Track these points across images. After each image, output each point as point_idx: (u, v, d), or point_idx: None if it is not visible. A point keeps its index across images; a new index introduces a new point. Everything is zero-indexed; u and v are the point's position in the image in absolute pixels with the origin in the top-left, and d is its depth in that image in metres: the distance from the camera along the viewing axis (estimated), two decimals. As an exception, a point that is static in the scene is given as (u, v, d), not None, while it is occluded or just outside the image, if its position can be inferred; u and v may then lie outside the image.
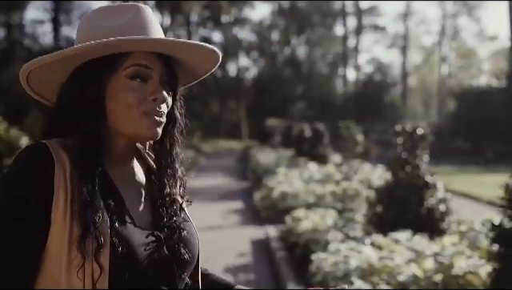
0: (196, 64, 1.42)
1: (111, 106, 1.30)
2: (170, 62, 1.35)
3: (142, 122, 1.29)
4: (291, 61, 58.58)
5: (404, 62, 60.74)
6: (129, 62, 1.29)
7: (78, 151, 1.26)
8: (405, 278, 5.09)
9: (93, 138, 1.28)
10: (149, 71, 1.31)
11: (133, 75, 1.29)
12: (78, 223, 1.20)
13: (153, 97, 1.29)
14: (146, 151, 1.49)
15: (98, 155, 1.29)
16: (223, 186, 18.21)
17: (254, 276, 7.09)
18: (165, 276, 1.31)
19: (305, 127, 21.67)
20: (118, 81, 1.29)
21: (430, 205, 7.43)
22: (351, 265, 5.37)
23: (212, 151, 39.30)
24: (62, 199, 1.21)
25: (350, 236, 7.11)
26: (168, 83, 1.34)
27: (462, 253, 5.43)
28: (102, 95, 1.29)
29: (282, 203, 10.98)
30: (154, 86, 1.30)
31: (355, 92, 52.75)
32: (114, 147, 1.35)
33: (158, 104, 1.30)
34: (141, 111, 1.28)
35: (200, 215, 11.77)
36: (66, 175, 1.23)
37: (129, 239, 1.24)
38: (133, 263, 1.23)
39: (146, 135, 1.31)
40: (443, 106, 56.09)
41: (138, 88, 1.29)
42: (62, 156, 1.24)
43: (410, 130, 7.79)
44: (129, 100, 1.28)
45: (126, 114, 1.29)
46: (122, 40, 1.26)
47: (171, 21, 49.97)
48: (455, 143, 41.11)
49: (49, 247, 1.21)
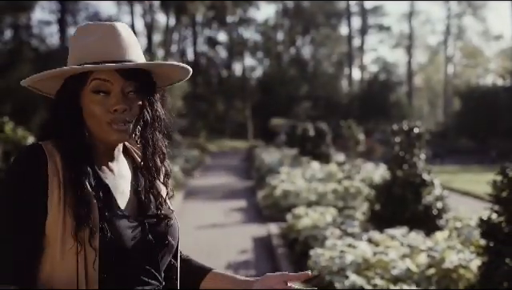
0: (168, 73, 1.63)
1: (85, 115, 1.51)
2: (132, 72, 1.52)
3: (108, 131, 1.49)
4: (296, 61, 58.64)
5: (409, 62, 60.73)
6: (91, 78, 1.49)
7: (67, 150, 1.47)
8: (398, 272, 5.27)
9: (78, 140, 1.50)
10: (109, 85, 1.49)
11: (95, 90, 1.49)
12: (72, 215, 1.40)
13: (113, 108, 1.48)
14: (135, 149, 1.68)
15: (86, 153, 1.50)
16: (227, 185, 18.40)
17: (255, 272, 7.26)
18: (149, 259, 1.52)
19: (308, 127, 21.81)
20: (86, 95, 1.50)
21: (427, 202, 7.60)
22: (347, 260, 5.54)
23: (217, 151, 39.49)
24: (56, 192, 1.41)
25: (348, 233, 7.27)
26: (136, 92, 1.52)
27: (454, 248, 5.60)
28: (78, 107, 1.51)
29: (284, 202, 11.16)
30: (115, 98, 1.49)
31: (360, 92, 52.73)
32: (98, 148, 1.55)
33: (118, 114, 1.49)
34: (105, 121, 1.48)
35: (204, 213, 11.96)
36: (58, 171, 1.43)
37: (116, 227, 1.44)
38: (119, 247, 1.43)
39: (112, 141, 1.52)
40: (449, 106, 56.08)
41: (102, 101, 1.49)
42: (54, 155, 1.45)
43: (407, 129, 7.96)
44: (95, 112, 1.49)
45: (95, 123, 1.50)
46: (75, 68, 1.47)
47: (176, 21, 50.14)
48: (460, 142, 41.15)
49: (47, 235, 1.41)
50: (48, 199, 1.41)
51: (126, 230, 1.47)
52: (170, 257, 1.62)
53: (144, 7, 50.64)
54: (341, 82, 60.03)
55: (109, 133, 1.50)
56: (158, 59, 25.00)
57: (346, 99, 52.68)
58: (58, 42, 46.73)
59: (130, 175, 1.62)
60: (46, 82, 1.55)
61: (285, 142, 29.26)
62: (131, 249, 1.46)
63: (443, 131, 45.09)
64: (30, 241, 1.40)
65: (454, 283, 5.07)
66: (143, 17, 51.40)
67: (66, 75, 1.53)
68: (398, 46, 64.40)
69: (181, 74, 1.65)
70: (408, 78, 60.18)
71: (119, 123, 1.49)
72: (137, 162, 1.65)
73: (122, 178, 1.59)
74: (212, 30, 57.82)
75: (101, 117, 1.49)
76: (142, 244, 1.49)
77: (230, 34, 57.32)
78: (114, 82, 1.50)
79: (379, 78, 54.07)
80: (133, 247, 1.46)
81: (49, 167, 1.43)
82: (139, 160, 1.64)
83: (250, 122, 50.29)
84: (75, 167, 1.45)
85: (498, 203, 4.76)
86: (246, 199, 14.65)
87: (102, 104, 1.49)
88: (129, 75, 1.51)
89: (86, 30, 1.55)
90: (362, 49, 62.32)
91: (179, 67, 1.61)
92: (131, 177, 1.62)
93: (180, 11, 47.01)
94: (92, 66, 1.47)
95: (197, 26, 56.03)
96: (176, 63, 1.59)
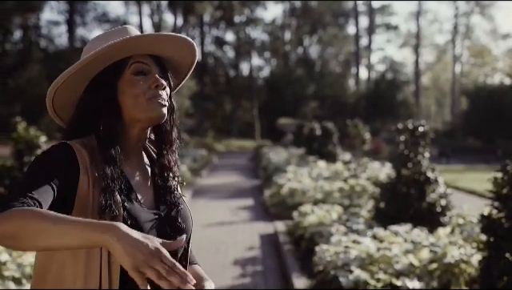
0: (179, 58, 1.78)
1: (123, 101, 1.65)
2: (163, 64, 1.72)
3: (149, 106, 1.64)
4: (303, 60, 58.73)
5: (417, 61, 60.70)
6: (132, 61, 1.66)
7: (100, 143, 1.62)
8: (401, 267, 5.41)
9: (112, 132, 1.64)
10: (147, 67, 1.67)
11: (136, 71, 1.66)
12: (98, 204, 1.54)
13: (155, 84, 1.65)
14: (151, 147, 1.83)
15: (116, 143, 1.64)
16: (235, 184, 18.55)
17: (262, 267, 7.42)
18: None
19: (315, 126, 21.93)
20: (125, 79, 1.65)
21: (430, 200, 7.72)
22: (351, 255, 5.69)
23: (224, 150, 39.65)
24: (85, 180, 1.56)
25: (352, 229, 7.41)
26: (164, 78, 1.70)
27: (455, 243, 5.73)
28: (115, 94, 1.66)
29: (291, 200, 11.30)
30: (154, 77, 1.66)
31: (367, 91, 52.76)
32: (126, 140, 1.70)
33: (159, 90, 1.66)
34: (146, 98, 1.64)
35: (212, 212, 12.12)
36: (86, 165, 1.57)
37: (136, 216, 1.59)
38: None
39: (154, 116, 1.65)
40: (456, 105, 56.04)
41: (142, 80, 1.65)
42: (82, 151, 1.59)
43: (412, 127, 8.08)
44: (136, 91, 1.63)
45: (134, 103, 1.64)
46: (119, 41, 1.62)
47: (184, 21, 50.34)
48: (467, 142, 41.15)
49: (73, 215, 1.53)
50: (79, 184, 1.55)
51: (145, 221, 1.61)
52: (185, 244, 1.76)
53: (152, 7, 50.85)
54: (348, 82, 60.06)
55: (150, 110, 1.64)
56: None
57: (353, 99, 52.73)
58: (67, 43, 47.03)
59: (149, 170, 1.77)
60: (68, 91, 1.68)
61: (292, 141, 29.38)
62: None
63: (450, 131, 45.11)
64: (49, 192, 1.48)
65: (455, 277, 5.21)
66: (151, 17, 51.61)
67: (91, 75, 1.68)
68: (405, 46, 64.43)
69: (187, 59, 1.80)
70: (415, 78, 60.17)
71: (159, 98, 1.65)
72: (153, 158, 1.80)
73: (141, 171, 1.73)
74: (219, 29, 58.00)
75: (143, 94, 1.63)
76: (160, 233, 1.63)
77: (238, 34, 57.46)
78: (151, 65, 1.68)
79: (386, 78, 54.09)
80: (148, 233, 1.59)
81: (78, 159, 1.57)
82: (154, 156, 1.79)
83: (257, 121, 50.42)
84: (106, 160, 1.60)
85: (499, 200, 4.88)
86: (253, 197, 14.80)
87: (143, 83, 1.65)
88: (159, 63, 1.70)
89: (104, 36, 1.73)
90: (369, 48, 62.38)
91: (186, 42, 1.74)
92: (149, 172, 1.76)
93: (188, 11, 47.20)
94: (132, 36, 1.64)
95: (204, 26, 56.24)
96: (183, 36, 1.73)
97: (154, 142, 1.81)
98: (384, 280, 5.18)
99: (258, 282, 6.77)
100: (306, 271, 6.59)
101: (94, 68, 1.66)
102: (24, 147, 8.41)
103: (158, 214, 1.67)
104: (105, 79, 1.66)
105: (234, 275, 7.04)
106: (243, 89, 55.14)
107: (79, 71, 1.64)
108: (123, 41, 1.63)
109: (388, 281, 5.18)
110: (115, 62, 1.66)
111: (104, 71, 1.67)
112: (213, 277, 5.35)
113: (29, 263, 5.26)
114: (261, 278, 6.96)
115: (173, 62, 1.78)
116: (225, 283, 6.63)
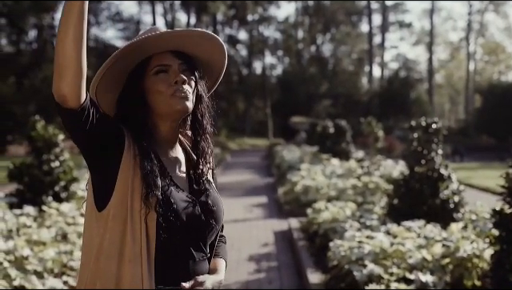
0: (208, 56, 1.92)
1: (150, 98, 1.82)
2: (187, 58, 1.86)
3: (172, 101, 1.80)
4: (316, 59, 58.70)
5: (430, 59, 60.46)
6: (152, 65, 1.82)
7: (136, 132, 1.78)
8: (414, 261, 5.49)
9: (142, 127, 1.80)
10: (168, 67, 1.82)
11: (157, 71, 1.81)
12: (141, 185, 1.70)
13: (174, 80, 1.80)
14: (187, 141, 1.99)
15: (150, 137, 1.80)
16: (248, 182, 18.66)
17: (276, 263, 7.52)
18: (197, 232, 1.83)
19: (328, 125, 21.97)
20: (149, 79, 1.82)
21: (444, 196, 7.77)
22: (365, 250, 5.77)
23: (238, 149, 39.78)
24: (127, 159, 1.72)
25: (366, 225, 7.49)
26: (188, 70, 1.84)
27: (468, 238, 5.80)
28: (142, 93, 1.82)
29: (305, 197, 11.38)
30: (174, 73, 1.81)
31: (380, 89, 52.62)
32: (160, 132, 1.86)
33: (179, 85, 1.80)
34: (168, 94, 1.79)
35: (226, 209, 12.16)
36: (130, 143, 1.74)
37: (173, 199, 1.75)
38: (175, 216, 1.74)
39: (178, 110, 1.80)
40: (470, 103, 55.79)
41: (164, 78, 1.81)
42: (128, 133, 1.77)
43: (425, 124, 8.13)
44: (159, 88, 1.80)
45: (159, 99, 1.80)
46: (141, 39, 1.77)
47: (197, 20, 50.50)
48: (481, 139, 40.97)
49: (116, 186, 1.71)
50: (123, 152, 1.73)
51: (180, 202, 1.77)
52: (216, 235, 1.93)
53: (165, 6, 51.11)
54: (361, 80, 59.98)
55: (174, 104, 1.79)
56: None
57: (366, 97, 52.64)
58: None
59: (183, 159, 1.92)
60: (110, 88, 1.84)
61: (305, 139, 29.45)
62: (183, 218, 1.76)
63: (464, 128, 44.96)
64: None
65: (467, 271, 5.28)
66: (164, 16, 51.88)
67: (124, 73, 1.83)
68: (418, 43, 64.23)
69: (218, 57, 1.93)
70: (429, 76, 59.92)
71: (181, 93, 1.79)
72: (187, 151, 1.95)
73: (177, 160, 1.89)
74: (232, 28, 58.13)
75: (165, 91, 1.79)
76: (193, 218, 1.79)
77: (251, 33, 57.55)
78: (171, 63, 1.82)
79: (400, 76, 53.88)
80: (185, 217, 1.76)
81: (126, 136, 1.75)
82: (190, 150, 1.95)
83: (270, 120, 50.50)
84: (144, 148, 1.76)
85: (510, 195, 4.95)
86: (267, 195, 14.90)
87: (165, 80, 1.80)
88: (181, 57, 1.83)
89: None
90: (382, 46, 62.20)
91: (214, 40, 1.87)
92: (184, 160, 1.92)
93: (201, 10, 47.38)
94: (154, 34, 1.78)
95: (217, 25, 56.35)
96: (210, 34, 1.87)
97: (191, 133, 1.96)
98: (397, 274, 5.27)
99: (272, 277, 6.88)
100: (320, 267, 6.68)
101: (123, 68, 1.81)
102: (42, 144, 8.57)
103: (192, 199, 1.81)
104: (132, 80, 1.83)
105: (249, 270, 7.15)
106: (256, 87, 55.22)
107: (111, 68, 1.78)
108: (138, 41, 1.77)
109: (401, 275, 5.26)
110: (139, 64, 1.82)
111: (132, 72, 1.83)
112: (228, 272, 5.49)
113: (50, 257, 5.40)
114: (275, 273, 7.06)
115: (201, 60, 1.92)
116: (240, 278, 6.74)
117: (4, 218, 7.12)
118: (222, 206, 1.93)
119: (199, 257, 1.82)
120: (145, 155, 1.74)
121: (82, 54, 1.57)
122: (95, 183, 1.76)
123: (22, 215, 7.59)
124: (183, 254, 1.78)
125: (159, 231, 1.70)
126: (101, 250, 1.71)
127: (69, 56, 1.55)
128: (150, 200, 1.69)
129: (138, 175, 1.71)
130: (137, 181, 1.71)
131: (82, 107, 1.61)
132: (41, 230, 6.56)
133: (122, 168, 1.71)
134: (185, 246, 1.78)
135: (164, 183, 1.75)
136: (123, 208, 1.70)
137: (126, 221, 1.70)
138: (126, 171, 1.71)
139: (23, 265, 5.18)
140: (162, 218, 1.70)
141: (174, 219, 1.73)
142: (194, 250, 1.81)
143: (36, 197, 8.37)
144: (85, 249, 1.77)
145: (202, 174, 1.91)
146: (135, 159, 1.73)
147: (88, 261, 1.75)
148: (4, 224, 6.77)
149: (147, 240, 1.70)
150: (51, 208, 7.89)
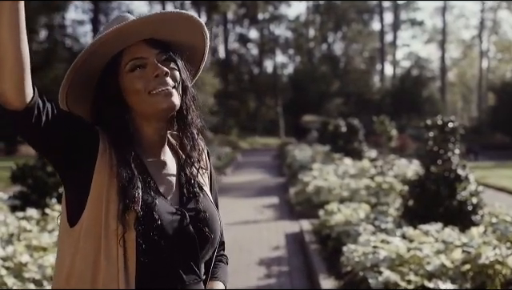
0: (188, 39, 1.61)
1: (128, 98, 1.53)
2: (163, 45, 1.56)
3: (154, 100, 1.50)
4: (328, 57, 58.49)
5: (443, 57, 60.03)
6: (126, 59, 1.52)
7: (113, 138, 1.50)
8: (433, 268, 5.20)
9: (121, 128, 1.52)
10: (144, 60, 1.52)
11: (132, 68, 1.52)
12: (117, 200, 1.43)
13: (154, 74, 1.50)
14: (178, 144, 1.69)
15: (130, 142, 1.51)
16: (259, 182, 18.41)
17: (288, 268, 7.26)
18: (188, 250, 1.52)
19: (340, 123, 21.71)
20: (124, 77, 1.52)
21: (461, 198, 7.48)
22: (380, 256, 5.49)
23: (249, 148, 39.59)
24: (102, 167, 1.45)
25: (381, 229, 7.21)
26: (168, 59, 1.55)
27: (490, 243, 5.51)
28: (118, 92, 1.53)
29: (317, 198, 11.12)
30: (153, 66, 1.51)
31: (392, 88, 52.33)
32: (145, 137, 1.57)
33: (160, 78, 1.51)
34: (147, 92, 1.50)
35: (236, 210, 11.98)
36: (105, 148, 1.47)
37: (157, 213, 1.46)
38: (159, 234, 1.45)
39: (163, 109, 1.51)
40: (483, 101, 55.32)
41: (141, 75, 1.51)
42: (104, 137, 1.49)
43: (441, 123, 7.85)
44: (136, 87, 1.50)
45: (139, 99, 1.51)
46: (108, 33, 1.48)
47: (207, 19, 50.37)
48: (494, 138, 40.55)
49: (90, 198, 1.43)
50: (97, 160, 1.45)
51: (166, 215, 1.49)
52: (211, 251, 1.62)
53: (175, 5, 50.96)
54: (373, 78, 59.70)
55: (156, 102, 1.51)
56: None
57: (378, 95, 52.35)
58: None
59: (175, 168, 1.63)
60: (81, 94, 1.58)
61: (316, 138, 29.20)
62: (169, 235, 1.47)
63: (477, 127, 44.54)
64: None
65: (490, 278, 4.99)
66: (174, 15, 51.78)
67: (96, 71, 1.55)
68: (431, 41, 63.79)
69: (199, 40, 1.63)
70: (441, 74, 59.52)
71: (164, 88, 1.51)
72: (180, 156, 1.66)
73: (165, 167, 1.60)
74: (243, 27, 58.02)
75: (143, 89, 1.50)
76: (182, 234, 1.50)
77: (261, 32, 57.46)
78: (147, 55, 1.52)
79: (412, 74, 53.57)
80: (171, 233, 1.48)
81: (100, 139, 1.48)
82: (182, 154, 1.65)
83: (281, 119, 50.30)
84: (123, 154, 1.48)
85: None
86: (278, 195, 14.64)
87: (141, 77, 1.51)
88: (157, 45, 1.54)
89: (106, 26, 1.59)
90: (394, 44, 61.86)
91: (191, 20, 1.57)
92: (176, 170, 1.63)
93: (211, 9, 47.25)
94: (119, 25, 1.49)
95: (228, 24, 56.28)
96: (185, 13, 1.57)
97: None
98: (415, 282, 4.98)
99: (283, 283, 6.61)
100: (333, 272, 6.41)
101: (92, 71, 1.54)
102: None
103: (182, 213, 1.53)
104: (104, 79, 1.55)
105: (260, 275, 6.89)
106: (267, 86, 55.09)
107: (79, 71, 1.52)
108: (105, 36, 1.48)
109: (419, 283, 4.98)
110: (109, 63, 1.53)
111: (103, 71, 1.54)
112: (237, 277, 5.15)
113: (50, 264, 5.16)
114: (286, 278, 6.79)
115: (181, 45, 1.62)
116: (250, 283, 6.48)
117: (6, 221, 6.90)
118: (216, 215, 1.63)
119: (190, 280, 1.53)
120: (122, 163, 1.46)
121: (20, 44, 1.30)
122: (67, 194, 1.49)
123: (24, 218, 7.37)
124: (170, 277, 1.49)
125: (139, 252, 1.42)
126: (72, 272, 1.45)
127: (4, 47, 1.28)
128: (127, 217, 1.41)
129: (115, 186, 1.44)
130: (113, 193, 1.43)
131: (27, 106, 1.35)
132: (42, 234, 6.32)
133: (96, 177, 1.44)
134: (172, 267, 1.49)
135: (146, 195, 1.47)
136: (97, 224, 1.43)
137: (99, 239, 1.42)
138: (100, 180, 1.44)
139: (21, 272, 4.95)
140: (143, 237, 1.42)
141: (157, 238, 1.44)
142: (184, 272, 1.51)
143: (40, 199, 8.17)
144: (56, 270, 1.51)
145: (192, 176, 1.62)
146: (111, 167, 1.45)
147: (58, 285, 1.48)
148: (5, 228, 6.55)
149: (125, 261, 1.42)
150: (54, 211, 7.67)
